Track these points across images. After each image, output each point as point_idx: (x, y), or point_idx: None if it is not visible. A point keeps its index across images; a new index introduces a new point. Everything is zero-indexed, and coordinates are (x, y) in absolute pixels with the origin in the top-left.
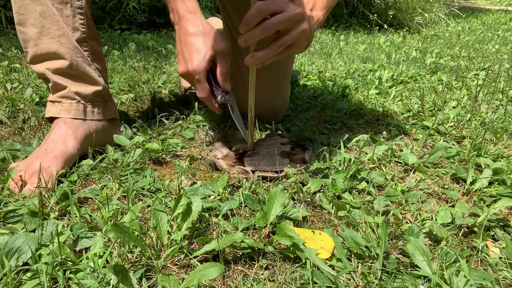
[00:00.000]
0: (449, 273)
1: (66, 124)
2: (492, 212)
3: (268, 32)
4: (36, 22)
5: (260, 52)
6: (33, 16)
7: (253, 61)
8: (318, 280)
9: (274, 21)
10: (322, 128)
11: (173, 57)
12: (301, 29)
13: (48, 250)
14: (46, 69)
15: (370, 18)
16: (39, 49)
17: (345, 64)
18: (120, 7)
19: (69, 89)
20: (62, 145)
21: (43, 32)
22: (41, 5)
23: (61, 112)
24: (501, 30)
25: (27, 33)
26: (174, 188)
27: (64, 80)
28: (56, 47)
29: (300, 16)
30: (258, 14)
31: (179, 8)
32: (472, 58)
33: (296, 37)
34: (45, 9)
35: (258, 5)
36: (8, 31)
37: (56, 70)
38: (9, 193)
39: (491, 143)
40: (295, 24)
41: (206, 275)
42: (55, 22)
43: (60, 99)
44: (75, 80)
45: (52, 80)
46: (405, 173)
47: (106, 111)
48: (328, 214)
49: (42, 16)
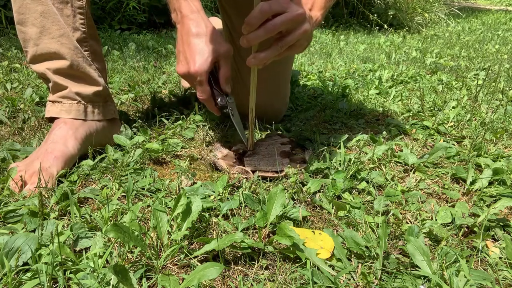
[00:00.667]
0: (449, 273)
1: (66, 124)
2: (492, 212)
3: (271, 33)
4: (37, 22)
5: (262, 53)
6: (33, 15)
7: (255, 62)
8: (318, 280)
9: (277, 22)
10: (322, 128)
11: (173, 57)
12: (303, 30)
13: (48, 250)
14: (46, 69)
15: (370, 18)
16: (39, 49)
17: (345, 64)
18: (120, 7)
19: (69, 90)
20: (62, 146)
21: (43, 32)
22: (42, 5)
23: (61, 113)
24: (501, 30)
25: (27, 32)
26: (174, 188)
27: (65, 80)
28: (56, 47)
29: (302, 16)
30: (261, 15)
31: (183, 7)
32: (472, 58)
33: (298, 37)
34: (46, 9)
35: (261, 6)
36: (8, 31)
37: (57, 70)
38: (9, 193)
39: (491, 143)
40: (298, 24)
41: (206, 275)
42: (56, 22)
43: (61, 99)
44: (75, 80)
45: (53, 80)
46: (405, 173)
47: (106, 111)
48: (328, 214)
49: (43, 16)
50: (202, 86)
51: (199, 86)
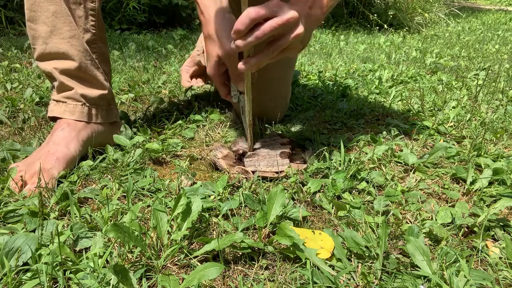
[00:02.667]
0: (449, 273)
1: (69, 126)
2: (492, 212)
3: (261, 39)
4: (48, 21)
5: (253, 58)
6: (45, 14)
7: (246, 67)
8: (318, 280)
9: (266, 28)
10: (322, 128)
11: (173, 57)
12: (295, 34)
13: (48, 250)
14: (53, 68)
15: (370, 18)
16: (48, 47)
17: (345, 64)
18: (120, 7)
19: (75, 91)
20: (65, 148)
21: (54, 31)
22: (55, 5)
23: (65, 113)
24: (501, 30)
25: (38, 30)
26: (174, 188)
27: (71, 81)
28: (66, 48)
29: (293, 20)
30: (249, 22)
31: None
32: (472, 58)
33: (290, 42)
34: (59, 9)
35: (249, 12)
36: (8, 31)
37: (64, 70)
38: (9, 193)
39: (491, 143)
40: (289, 29)
41: (206, 275)
42: (68, 23)
43: (65, 100)
44: (82, 82)
45: (59, 80)
46: (405, 173)
47: (109, 115)
48: (328, 214)
49: (55, 15)
50: (217, 86)
51: (216, 86)
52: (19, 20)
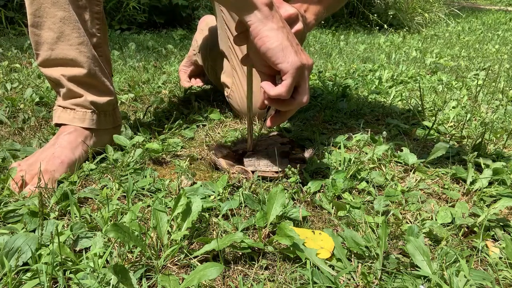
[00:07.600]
0: (449, 273)
1: (76, 131)
2: (492, 212)
3: None
4: (55, 27)
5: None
6: (51, 20)
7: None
8: (318, 280)
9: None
10: (322, 128)
11: (173, 57)
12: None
13: (48, 250)
14: (61, 75)
15: (370, 18)
16: (55, 53)
17: (345, 64)
18: (120, 7)
19: (85, 98)
20: (70, 152)
21: (61, 38)
22: (63, 11)
23: (74, 120)
24: (501, 30)
25: (42, 36)
26: (174, 188)
27: (79, 88)
28: (74, 54)
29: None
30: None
31: None
32: (472, 58)
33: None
34: (67, 15)
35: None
36: (8, 31)
37: (72, 77)
38: (9, 193)
39: (491, 143)
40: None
41: (206, 275)
42: (76, 29)
43: (74, 107)
44: (90, 89)
45: (67, 87)
46: (405, 173)
47: (114, 119)
48: (328, 214)
49: (63, 22)
50: None
51: None
52: (19, 20)
